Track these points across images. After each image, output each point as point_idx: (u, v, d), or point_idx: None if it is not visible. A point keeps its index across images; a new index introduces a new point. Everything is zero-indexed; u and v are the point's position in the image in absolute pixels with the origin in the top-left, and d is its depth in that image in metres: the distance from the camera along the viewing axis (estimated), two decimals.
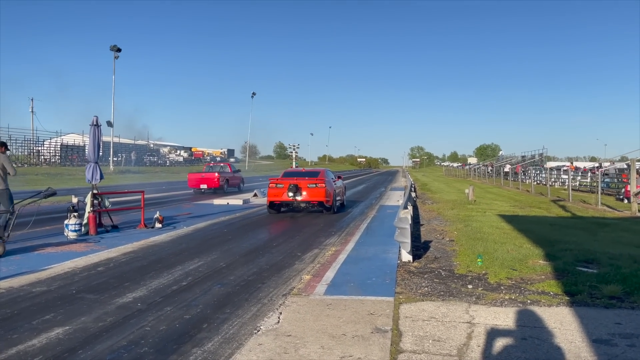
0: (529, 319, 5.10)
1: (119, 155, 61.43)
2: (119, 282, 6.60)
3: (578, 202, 21.20)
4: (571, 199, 22.05)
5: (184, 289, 6.33)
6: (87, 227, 10.74)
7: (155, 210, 12.95)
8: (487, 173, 53.43)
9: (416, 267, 7.71)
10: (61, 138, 59.84)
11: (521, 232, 11.14)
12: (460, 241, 10.11)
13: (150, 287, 6.40)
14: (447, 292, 6.22)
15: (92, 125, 11.24)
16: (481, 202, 20.14)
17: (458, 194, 26.30)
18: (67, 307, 5.48)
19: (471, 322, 5.01)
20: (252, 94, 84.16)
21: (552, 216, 15.47)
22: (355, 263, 7.98)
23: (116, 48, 46.63)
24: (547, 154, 63.83)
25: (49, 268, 7.36)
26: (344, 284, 6.58)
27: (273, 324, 4.91)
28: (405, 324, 4.93)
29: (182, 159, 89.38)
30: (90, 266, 7.61)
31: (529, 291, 6.21)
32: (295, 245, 9.87)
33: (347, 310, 5.37)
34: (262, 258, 8.46)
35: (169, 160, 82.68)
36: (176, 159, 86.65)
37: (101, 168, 11.83)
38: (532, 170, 38.24)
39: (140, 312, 5.30)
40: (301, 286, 6.48)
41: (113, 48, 46.61)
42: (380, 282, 6.65)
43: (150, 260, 8.18)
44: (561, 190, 30.71)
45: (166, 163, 77.92)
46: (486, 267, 7.53)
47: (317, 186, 14.96)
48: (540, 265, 7.64)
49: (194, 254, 8.67)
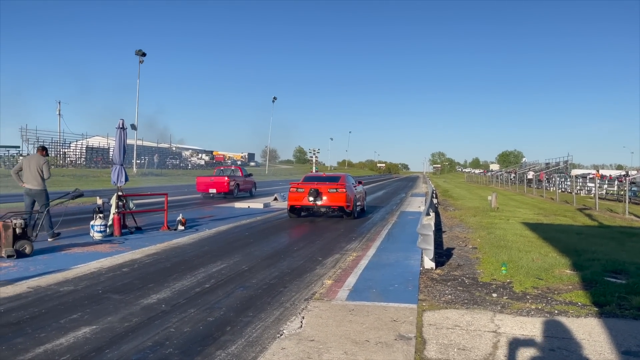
0: (556, 330, 5.00)
1: (142, 158, 62.37)
2: (143, 283, 6.68)
3: (605, 211, 20.73)
4: (598, 207, 21.57)
5: (207, 291, 6.38)
6: (112, 229, 10.91)
7: (178, 213, 13.10)
8: (510, 180, 52.68)
9: (439, 275, 7.63)
10: (87, 140, 61.14)
11: (546, 241, 10.95)
12: (483, 249, 9.98)
13: (173, 288, 6.46)
14: (471, 300, 6.14)
15: (118, 128, 11.43)
16: (504, 210, 19.85)
17: (480, 200, 25.98)
18: (94, 306, 5.57)
19: (497, 331, 4.93)
20: (273, 98, 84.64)
21: (578, 225, 15.16)
22: (377, 269, 7.94)
23: (141, 52, 47.40)
24: (572, 162, 62.74)
25: (75, 268, 7.50)
26: (366, 289, 6.55)
27: (296, 329, 4.91)
28: (429, 332, 4.88)
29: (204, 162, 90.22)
30: (115, 267, 7.73)
31: (556, 301, 6.09)
32: (316, 249, 9.87)
33: (370, 317, 5.34)
34: (283, 262, 8.48)
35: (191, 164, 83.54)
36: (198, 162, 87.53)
37: (126, 170, 12.02)
38: (557, 178, 37.56)
39: (165, 314, 5.36)
40: (323, 291, 6.47)
41: (138, 52, 47.39)
42: (402, 289, 6.60)
43: (173, 262, 8.27)
44: (587, 199, 30.09)
45: (188, 166, 78.77)
46: (511, 276, 7.42)
47: (338, 191, 14.95)
48: (567, 275, 7.49)
49: (217, 257, 8.74)
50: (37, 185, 9.94)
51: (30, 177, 9.91)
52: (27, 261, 7.91)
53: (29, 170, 9.93)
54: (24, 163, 10.13)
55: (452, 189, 43.08)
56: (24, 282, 6.54)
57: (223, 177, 24.34)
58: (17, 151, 51.28)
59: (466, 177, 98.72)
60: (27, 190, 9.99)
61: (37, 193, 9.95)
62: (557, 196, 29.04)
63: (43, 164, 10.02)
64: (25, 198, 10.11)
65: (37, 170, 9.92)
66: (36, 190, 9.93)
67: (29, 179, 9.92)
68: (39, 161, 10.03)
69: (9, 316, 5.16)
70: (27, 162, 10.09)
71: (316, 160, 45.20)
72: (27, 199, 10.06)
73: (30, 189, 9.94)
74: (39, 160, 10.04)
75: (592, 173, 52.13)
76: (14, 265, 7.58)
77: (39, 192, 9.97)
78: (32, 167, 9.93)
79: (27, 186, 9.96)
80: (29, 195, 10.00)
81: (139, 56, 47.65)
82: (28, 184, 9.94)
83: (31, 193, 9.96)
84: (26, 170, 9.96)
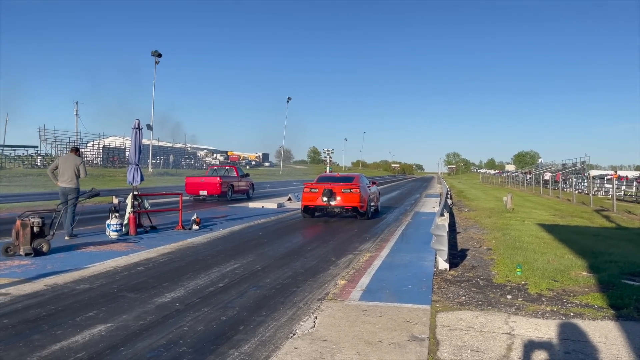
0: (572, 332, 4.93)
1: (158, 158, 62.98)
2: (158, 282, 6.75)
3: (623, 213, 20.40)
4: (615, 209, 21.23)
5: (220, 290, 6.42)
6: (128, 228, 11.03)
7: (193, 212, 13.19)
8: (526, 181, 52.10)
9: (453, 276, 7.58)
10: (103, 140, 61.87)
11: (562, 242, 10.81)
12: (498, 250, 9.89)
13: (187, 287, 6.51)
14: (485, 301, 6.09)
15: (134, 128, 11.55)
16: (520, 211, 19.65)
17: (495, 201, 25.75)
18: (109, 305, 5.64)
19: (511, 333, 4.88)
20: (288, 99, 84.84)
21: (595, 226, 14.95)
22: (391, 269, 7.91)
23: (157, 53, 47.84)
24: (589, 162, 61.85)
25: (91, 266, 7.59)
26: (379, 290, 6.53)
27: (308, 328, 4.92)
28: (442, 333, 4.85)
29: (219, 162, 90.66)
30: (130, 265, 7.81)
31: (572, 303, 6.01)
32: (330, 250, 9.87)
33: (383, 317, 5.32)
34: (296, 262, 8.49)
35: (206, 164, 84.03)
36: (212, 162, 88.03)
37: (142, 170, 12.14)
38: (574, 179, 37.05)
39: (179, 312, 5.40)
40: (336, 291, 6.47)
41: (154, 53, 47.84)
42: (416, 290, 6.57)
43: (187, 261, 8.33)
44: (604, 200, 29.64)
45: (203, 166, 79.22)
46: (526, 277, 7.34)
47: (352, 191, 14.93)
48: (583, 277, 7.38)
49: (230, 256, 8.79)
50: (73, 184, 10.42)
51: (66, 176, 10.37)
52: (45, 259, 8.03)
53: (65, 170, 10.37)
54: (60, 162, 10.56)
55: (467, 190, 42.76)
56: (41, 280, 6.64)
57: (215, 178, 22.01)
58: (36, 151, 52.12)
59: (481, 177, 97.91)
60: (62, 189, 10.43)
61: (71, 191, 10.40)
62: (574, 197, 28.65)
63: (80, 164, 10.54)
64: (60, 196, 10.50)
65: (74, 170, 10.40)
66: (70, 188, 10.40)
67: (65, 178, 10.37)
68: (75, 161, 10.51)
69: (27, 313, 5.25)
70: (64, 161, 10.55)
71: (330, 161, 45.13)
72: (62, 197, 10.44)
73: (66, 187, 10.39)
74: (76, 160, 10.54)
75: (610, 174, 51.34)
76: (31, 264, 7.70)
77: (73, 190, 10.43)
78: (69, 167, 10.39)
79: (63, 185, 10.41)
80: (64, 194, 10.40)
81: (154, 57, 48.10)
82: (64, 183, 10.40)
83: (66, 191, 10.39)
84: (62, 169, 10.40)
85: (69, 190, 10.37)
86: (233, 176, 23.71)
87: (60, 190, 10.47)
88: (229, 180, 22.70)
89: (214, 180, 21.80)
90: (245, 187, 24.24)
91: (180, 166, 68.20)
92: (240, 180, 23.84)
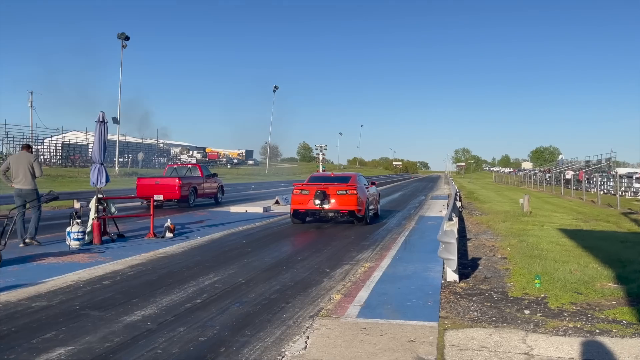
0: (597, 352, 4.97)
1: (125, 156, 62.69)
2: (127, 298, 6.71)
3: None
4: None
5: (198, 307, 6.40)
6: (91, 236, 10.97)
7: (166, 218, 13.15)
8: (545, 180, 52.47)
9: (463, 288, 7.61)
10: (62, 136, 61.50)
11: (586, 250, 10.90)
12: (514, 259, 9.95)
13: (160, 304, 6.49)
14: (500, 317, 6.12)
15: (98, 121, 11.50)
16: (538, 214, 19.78)
17: (510, 204, 25.91)
18: (70, 324, 5.60)
19: (529, 353, 4.91)
20: (274, 87, 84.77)
21: (622, 232, 15.08)
22: (392, 282, 7.93)
23: (124, 36, 47.66)
24: (615, 159, 62.40)
25: (49, 281, 7.54)
26: (379, 305, 6.55)
27: (299, 350, 4.92)
28: (451, 354, 4.86)
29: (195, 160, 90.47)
30: (94, 279, 7.77)
31: (598, 319, 6.06)
32: (323, 260, 9.88)
33: (384, 336, 5.33)
34: (285, 274, 8.49)
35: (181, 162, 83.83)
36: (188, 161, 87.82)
37: (107, 170, 12.09)
38: (598, 178, 37.39)
39: (151, 332, 5.38)
40: (331, 307, 6.47)
41: (121, 36, 47.65)
42: (421, 305, 6.59)
43: (160, 274, 8.31)
44: (633, 202, 29.92)
45: None
46: (545, 290, 7.39)
47: (348, 193, 14.94)
48: (610, 289, 7.44)
49: (209, 268, 8.77)
50: (30, 185, 10.46)
51: (21, 177, 10.40)
52: None
53: (19, 169, 10.39)
54: (11, 162, 10.58)
55: (478, 191, 42.99)
56: None
57: (173, 179, 20.48)
58: None
59: (494, 177, 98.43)
60: (17, 191, 10.46)
61: (28, 193, 10.43)
62: (599, 198, 28.89)
63: (34, 162, 10.58)
64: (15, 199, 10.51)
65: (29, 169, 10.43)
66: (27, 190, 10.43)
67: (20, 179, 10.40)
68: (29, 159, 10.55)
69: None
70: (15, 160, 10.57)
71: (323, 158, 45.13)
72: (18, 200, 10.45)
73: (22, 189, 10.42)
74: (29, 158, 10.57)
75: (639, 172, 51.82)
76: None
77: (31, 191, 10.47)
78: (22, 166, 10.41)
79: (18, 186, 10.44)
80: (19, 197, 10.42)
81: (121, 40, 47.90)
82: (19, 184, 10.43)
83: (22, 193, 10.41)
84: (15, 169, 10.43)
85: (25, 193, 10.39)
86: (196, 177, 22.32)
87: (15, 192, 10.47)
88: (191, 181, 21.39)
89: (172, 182, 20.27)
90: (213, 190, 23.00)
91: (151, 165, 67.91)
92: (206, 181, 22.53)
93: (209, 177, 22.87)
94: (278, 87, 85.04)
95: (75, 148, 61.27)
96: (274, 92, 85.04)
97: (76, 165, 55.33)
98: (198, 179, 22.16)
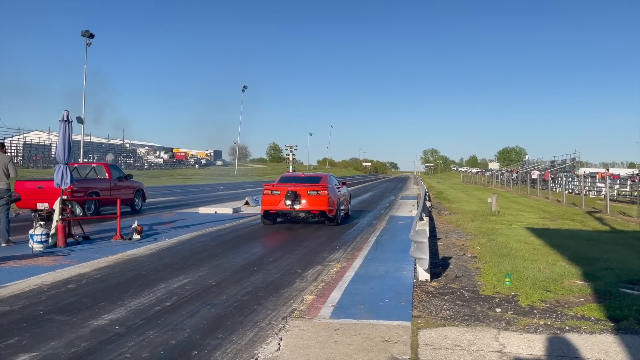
0: (568, 348, 5.05)
1: (90, 156, 61.47)
2: (93, 302, 6.55)
3: (617, 214, 21.15)
4: (609, 210, 22.01)
5: (168, 310, 6.28)
6: (55, 238, 10.69)
7: (133, 220, 12.91)
8: (512, 180, 53.44)
9: (435, 287, 7.66)
10: (24, 136, 59.95)
11: (554, 248, 11.11)
12: (484, 258, 10.07)
13: (129, 307, 6.34)
14: (472, 316, 6.17)
15: (62, 121, 11.21)
16: (506, 213, 20.10)
17: (479, 203, 26.28)
18: (34, 330, 5.43)
19: (502, 351, 4.96)
20: (243, 87, 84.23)
21: (587, 230, 15.44)
22: (365, 282, 7.93)
23: (88, 34, 46.58)
24: (579, 159, 64.03)
25: (11, 285, 7.30)
26: (352, 305, 6.53)
27: (273, 352, 4.86)
28: (425, 353, 4.88)
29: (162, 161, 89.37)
30: (59, 283, 7.56)
31: (567, 316, 6.16)
32: (295, 260, 9.83)
33: (358, 336, 5.31)
34: (257, 275, 8.41)
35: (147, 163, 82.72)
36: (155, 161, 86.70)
37: (71, 170, 11.80)
38: (563, 178, 38.24)
39: (119, 337, 5.25)
40: (303, 308, 6.43)
41: (85, 34, 46.56)
42: (394, 304, 6.60)
43: (128, 276, 8.13)
44: (597, 201, 30.68)
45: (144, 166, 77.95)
46: (516, 288, 7.49)
47: (319, 193, 14.92)
48: (577, 286, 7.59)
49: (179, 270, 8.63)
50: (4, 185, 10.50)
51: None
52: None
53: None
54: None
55: (447, 191, 43.50)
56: None
57: None
58: None
59: (462, 177, 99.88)
60: None
61: (2, 192, 10.44)
62: (564, 198, 29.55)
63: (9, 162, 10.62)
64: None
65: (3, 169, 10.44)
66: (2, 189, 10.45)
67: None
68: (3, 159, 10.54)
69: None
70: None
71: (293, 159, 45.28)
72: None
73: None
74: (4, 158, 10.57)
75: (599, 172, 53.22)
76: None
77: (4, 191, 10.48)
78: None
79: None
80: None
81: (85, 38, 46.87)
82: None
83: None
84: None
85: (1, 192, 10.39)
86: (101, 179, 17.64)
87: None
88: (90, 185, 16.92)
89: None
90: (126, 196, 18.20)
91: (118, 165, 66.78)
92: (115, 185, 17.86)
93: (119, 180, 18.35)
94: (247, 87, 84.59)
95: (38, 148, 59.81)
96: (242, 92, 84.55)
97: (38, 166, 53.99)
98: (102, 182, 17.47)
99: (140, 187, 19.62)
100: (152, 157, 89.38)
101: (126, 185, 18.67)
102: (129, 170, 64.77)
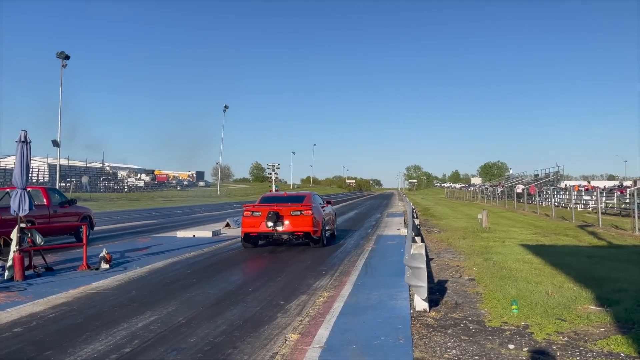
0: None
1: (68, 180, 59.91)
2: (38, 351, 5.54)
3: (609, 228, 20.54)
4: (601, 224, 21.40)
5: (126, 358, 5.31)
6: (12, 271, 9.65)
7: (102, 247, 11.88)
8: (497, 195, 53.05)
9: (435, 319, 6.78)
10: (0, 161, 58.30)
11: (556, 267, 10.32)
12: (483, 280, 9.26)
13: (79, 356, 5.35)
14: (483, 355, 5.29)
15: (19, 141, 10.24)
16: (497, 230, 19.39)
17: (467, 219, 25.58)
18: None
19: None
20: (224, 107, 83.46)
21: (585, 245, 14.72)
22: (356, 314, 7.02)
23: (64, 55, 45.64)
24: (563, 172, 64.10)
25: None
26: (343, 346, 5.61)
27: None
28: None
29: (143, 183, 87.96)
30: (4, 327, 6.52)
31: (593, 352, 5.31)
32: (277, 290, 8.88)
33: None
34: (233, 309, 7.45)
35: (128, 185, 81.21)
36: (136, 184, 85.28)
37: (32, 196, 10.79)
38: (550, 191, 37.81)
39: None
40: (286, 351, 5.50)
41: (60, 55, 45.62)
42: (391, 343, 5.70)
43: (86, 315, 7.13)
44: (585, 214, 30.20)
45: (124, 188, 76.44)
46: (525, 317, 6.66)
47: (303, 213, 14.02)
48: (594, 314, 6.77)
49: (146, 306, 7.64)
50: None
51: None
52: None
53: None
54: None
55: (433, 207, 42.87)
56: None
57: None
58: None
59: (446, 192, 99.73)
60: None
61: None
62: (553, 212, 29.00)
63: None
64: None
65: None
66: None
67: None
68: None
69: None
70: None
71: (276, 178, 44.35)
72: None
73: None
74: None
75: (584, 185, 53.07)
76: None
77: None
78: None
79: None
80: None
81: (61, 59, 45.84)
82: None
83: None
84: None
85: None
86: (39, 205, 14.68)
87: None
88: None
89: None
90: (69, 223, 16.09)
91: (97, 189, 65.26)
92: (55, 212, 15.63)
93: (61, 206, 16.10)
94: (228, 107, 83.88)
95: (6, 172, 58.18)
96: (224, 111, 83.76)
97: None
98: (39, 209, 14.42)
99: (87, 213, 17.43)
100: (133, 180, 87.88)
101: (69, 212, 16.45)
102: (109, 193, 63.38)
